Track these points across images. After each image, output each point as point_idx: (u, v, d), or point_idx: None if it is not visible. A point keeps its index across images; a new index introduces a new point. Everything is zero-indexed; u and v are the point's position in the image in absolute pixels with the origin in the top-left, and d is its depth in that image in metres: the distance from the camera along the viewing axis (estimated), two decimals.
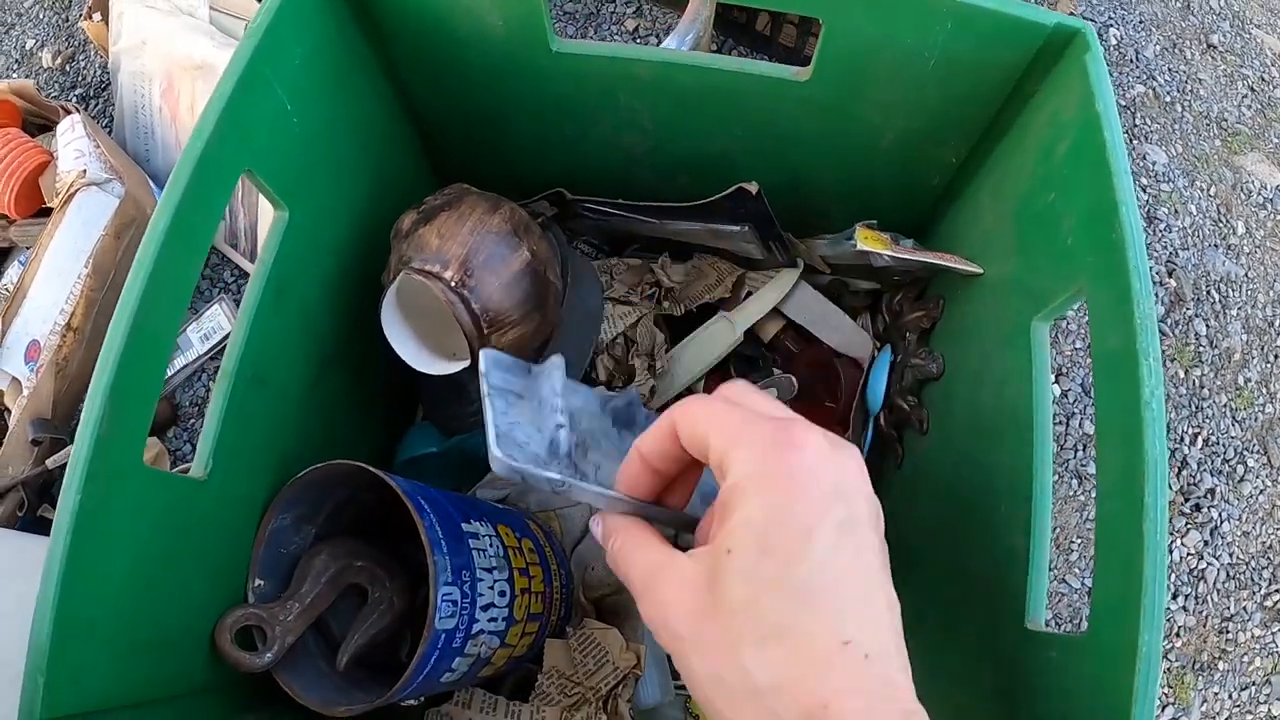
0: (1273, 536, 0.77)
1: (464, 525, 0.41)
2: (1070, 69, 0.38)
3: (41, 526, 0.68)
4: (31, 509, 0.68)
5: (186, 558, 0.38)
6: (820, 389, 0.57)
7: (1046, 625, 0.35)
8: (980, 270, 0.47)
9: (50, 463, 0.68)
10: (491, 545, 0.42)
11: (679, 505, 0.27)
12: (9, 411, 0.72)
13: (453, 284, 0.41)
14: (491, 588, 0.41)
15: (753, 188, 0.47)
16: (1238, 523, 0.77)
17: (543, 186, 0.55)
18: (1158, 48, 0.96)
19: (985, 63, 0.41)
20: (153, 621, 0.36)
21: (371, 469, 0.39)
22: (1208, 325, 0.83)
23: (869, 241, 0.48)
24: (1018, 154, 0.43)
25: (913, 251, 0.48)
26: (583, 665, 0.45)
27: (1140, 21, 0.97)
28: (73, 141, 0.72)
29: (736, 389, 0.25)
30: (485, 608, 0.40)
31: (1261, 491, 0.79)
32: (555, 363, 0.31)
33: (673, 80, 0.45)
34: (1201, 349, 0.82)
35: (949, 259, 0.48)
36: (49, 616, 0.30)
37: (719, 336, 0.55)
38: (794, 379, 0.55)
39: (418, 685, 0.38)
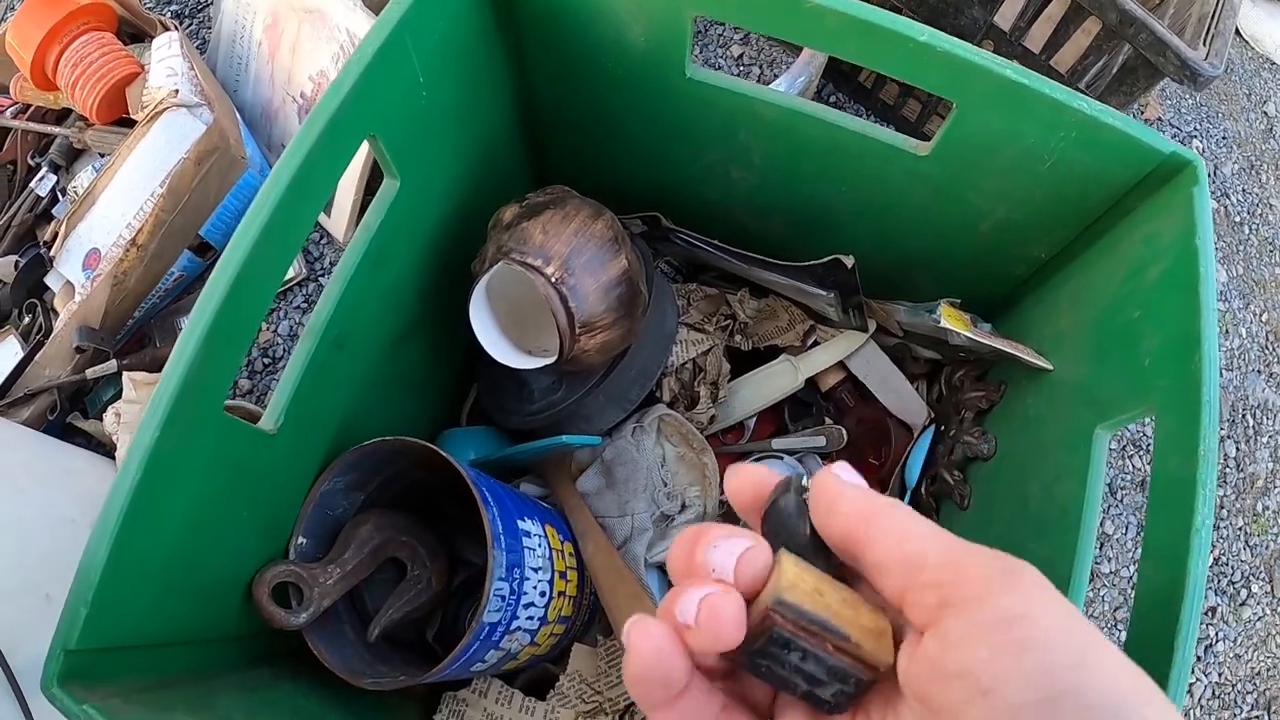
0: (1263, 664, 0.78)
1: (519, 522, 0.41)
2: (1175, 197, 0.39)
3: (69, 433, 0.68)
4: (63, 414, 0.68)
5: (241, 508, 0.38)
6: (868, 446, 0.58)
7: None
8: (1050, 367, 0.48)
9: (90, 373, 0.68)
10: (540, 545, 0.43)
11: None
12: (56, 314, 0.72)
13: (553, 279, 0.41)
14: (535, 587, 0.41)
15: (848, 261, 0.48)
16: (1232, 644, 0.78)
17: (636, 202, 0.55)
18: (1235, 167, 0.96)
19: (1096, 173, 0.42)
20: (198, 566, 0.36)
21: (445, 454, 0.39)
22: (1238, 448, 0.83)
23: (952, 320, 0.48)
24: (1107, 265, 0.44)
25: (990, 336, 0.49)
26: (606, 675, 0.45)
27: (1223, 138, 0.98)
28: (167, 59, 0.72)
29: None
30: (526, 606, 0.40)
31: (1260, 618, 0.80)
32: None
33: (794, 127, 0.46)
34: (1228, 470, 0.83)
35: (1023, 350, 0.48)
36: (105, 551, 0.30)
37: (780, 378, 0.56)
38: (844, 431, 0.55)
39: (452, 671, 0.38)
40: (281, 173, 0.34)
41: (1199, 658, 0.77)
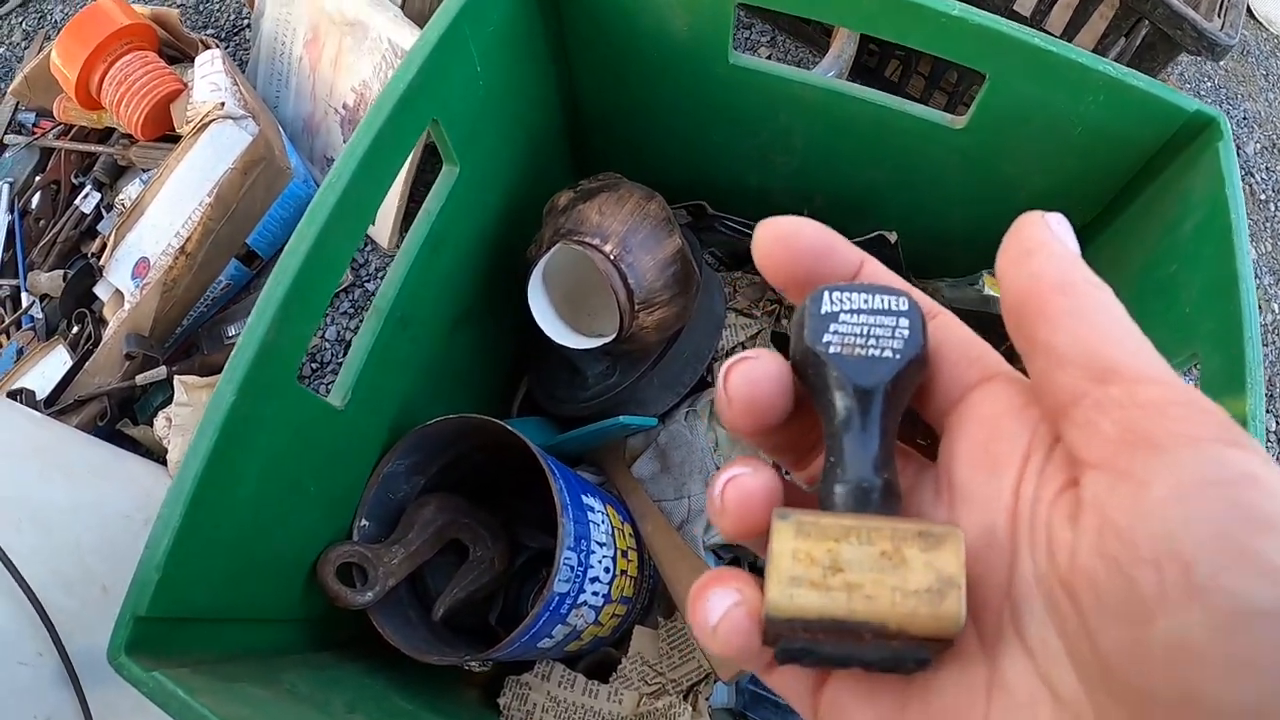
0: None
1: (584, 497, 0.42)
2: (1203, 152, 0.40)
3: (118, 439, 0.70)
4: (112, 420, 0.69)
5: (310, 484, 0.39)
6: (911, 427, 0.58)
7: None
8: None
9: (139, 379, 0.69)
10: (603, 522, 0.43)
11: None
12: (105, 323, 0.73)
13: (611, 257, 0.42)
14: (600, 562, 0.41)
15: (892, 237, 0.48)
16: None
17: (681, 190, 0.56)
18: (1258, 145, 0.97)
19: (1125, 136, 0.43)
20: (266, 541, 0.37)
21: (506, 425, 0.40)
22: (1277, 422, 0.83)
23: (996, 288, 0.49)
24: (1142, 225, 0.45)
25: None
26: (668, 657, 0.45)
27: (1244, 118, 0.98)
28: (210, 75, 0.74)
29: None
30: (593, 580, 0.41)
31: None
32: None
33: (834, 107, 0.47)
34: (1269, 444, 0.82)
35: None
36: (179, 514, 0.30)
37: None
38: None
39: (520, 645, 0.39)
40: (353, 151, 0.35)
41: None
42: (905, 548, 0.13)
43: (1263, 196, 0.94)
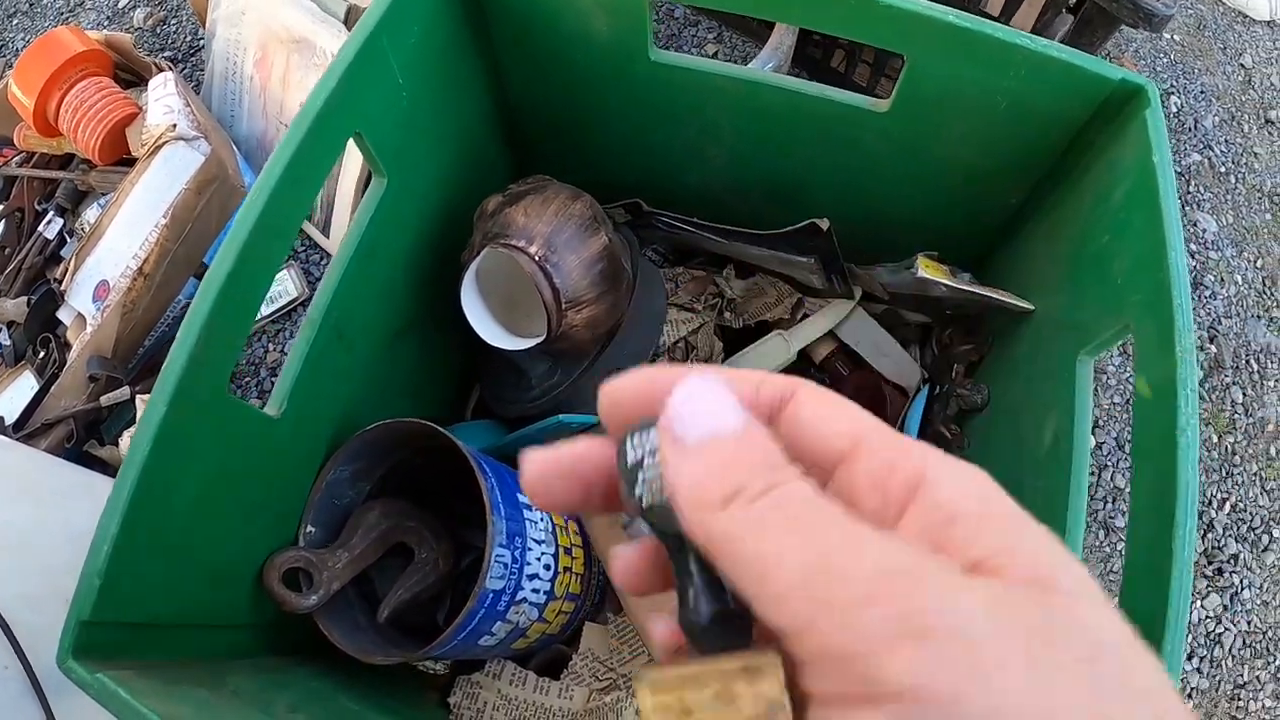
0: None
1: (520, 496, 0.43)
2: (1131, 121, 0.40)
3: (86, 460, 0.70)
4: (79, 441, 0.70)
5: (250, 492, 0.39)
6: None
7: None
8: (1031, 308, 0.48)
9: (104, 400, 0.70)
10: (542, 520, 0.44)
11: None
12: (69, 346, 0.74)
13: (537, 258, 0.43)
14: (539, 559, 0.42)
15: (824, 224, 0.49)
16: (1258, 591, 0.77)
17: (620, 190, 0.57)
18: (1216, 119, 0.97)
19: (1052, 109, 0.43)
20: (210, 547, 0.37)
21: (439, 428, 0.41)
22: (1244, 394, 0.83)
23: (930, 270, 0.49)
24: (1075, 198, 0.45)
25: (969, 284, 0.50)
26: (618, 652, 0.46)
27: (1201, 92, 0.98)
28: (164, 98, 0.75)
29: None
30: (531, 577, 0.41)
31: None
32: None
33: (758, 98, 0.47)
34: (1237, 416, 0.82)
35: (1003, 294, 0.49)
36: (116, 522, 0.31)
37: (773, 353, 0.57)
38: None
39: (458, 643, 0.39)
40: (274, 166, 0.36)
41: (1225, 607, 0.76)
42: (732, 685, 0.14)
43: (1222, 169, 0.94)
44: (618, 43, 0.46)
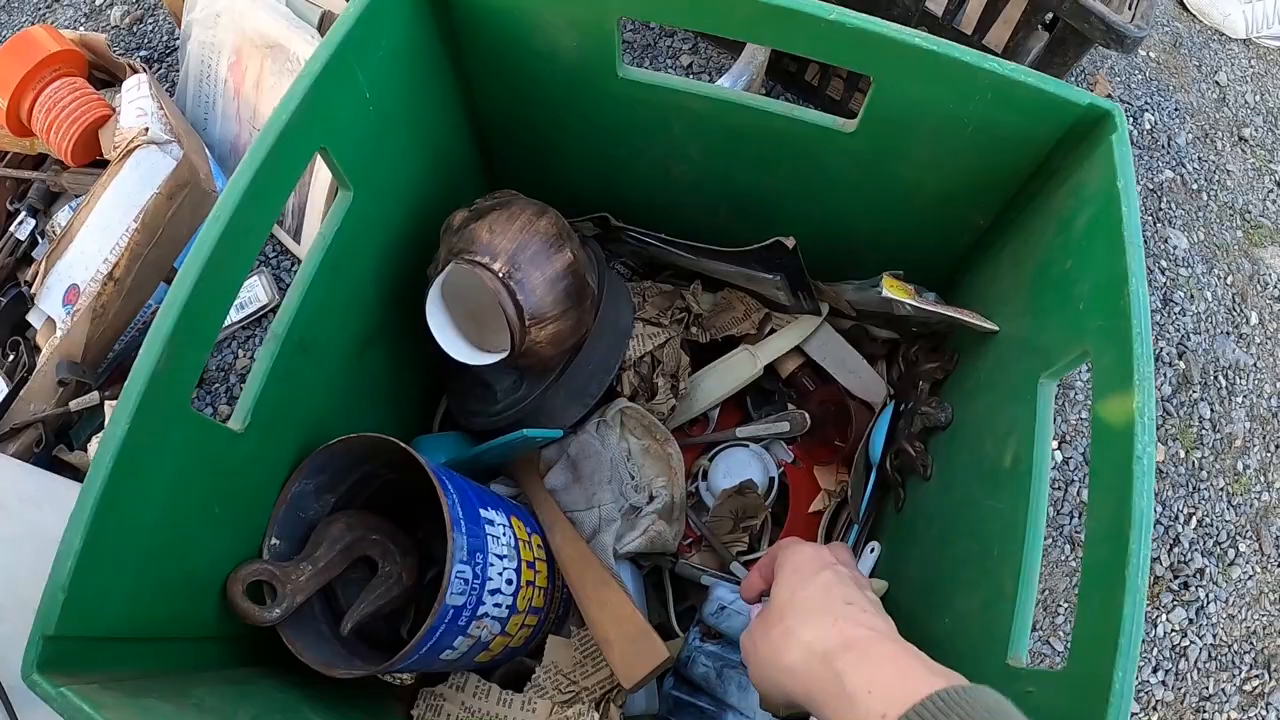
0: (1257, 623, 0.78)
1: (482, 511, 0.43)
2: (1098, 147, 0.40)
3: (56, 465, 0.70)
4: (48, 446, 0.69)
5: (214, 505, 0.39)
6: (831, 428, 0.59)
7: (1027, 664, 0.37)
8: (995, 328, 0.49)
9: (73, 405, 0.69)
10: (505, 534, 0.44)
11: None
12: (39, 350, 0.73)
13: (500, 275, 0.43)
14: (500, 574, 0.42)
15: (789, 242, 0.49)
16: (1224, 605, 0.78)
17: (589, 204, 0.57)
18: (1190, 136, 0.98)
19: (1019, 133, 0.43)
20: (175, 561, 0.37)
21: (402, 444, 0.41)
22: (1212, 409, 0.84)
23: (894, 290, 0.50)
24: (1040, 221, 0.45)
25: (934, 304, 0.50)
26: (581, 666, 0.46)
27: (1175, 109, 1.00)
28: (137, 100, 0.74)
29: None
30: (493, 592, 0.41)
31: (1250, 577, 0.80)
32: None
33: (726, 117, 0.48)
34: (1204, 432, 0.83)
35: (967, 315, 0.49)
36: (79, 537, 0.31)
37: (740, 367, 0.57)
38: (806, 415, 0.56)
39: (420, 658, 0.39)
40: (237, 182, 0.36)
41: (1190, 620, 0.77)
42: None
43: (1195, 186, 0.95)
44: (586, 60, 0.46)
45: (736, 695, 0.48)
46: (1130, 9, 0.63)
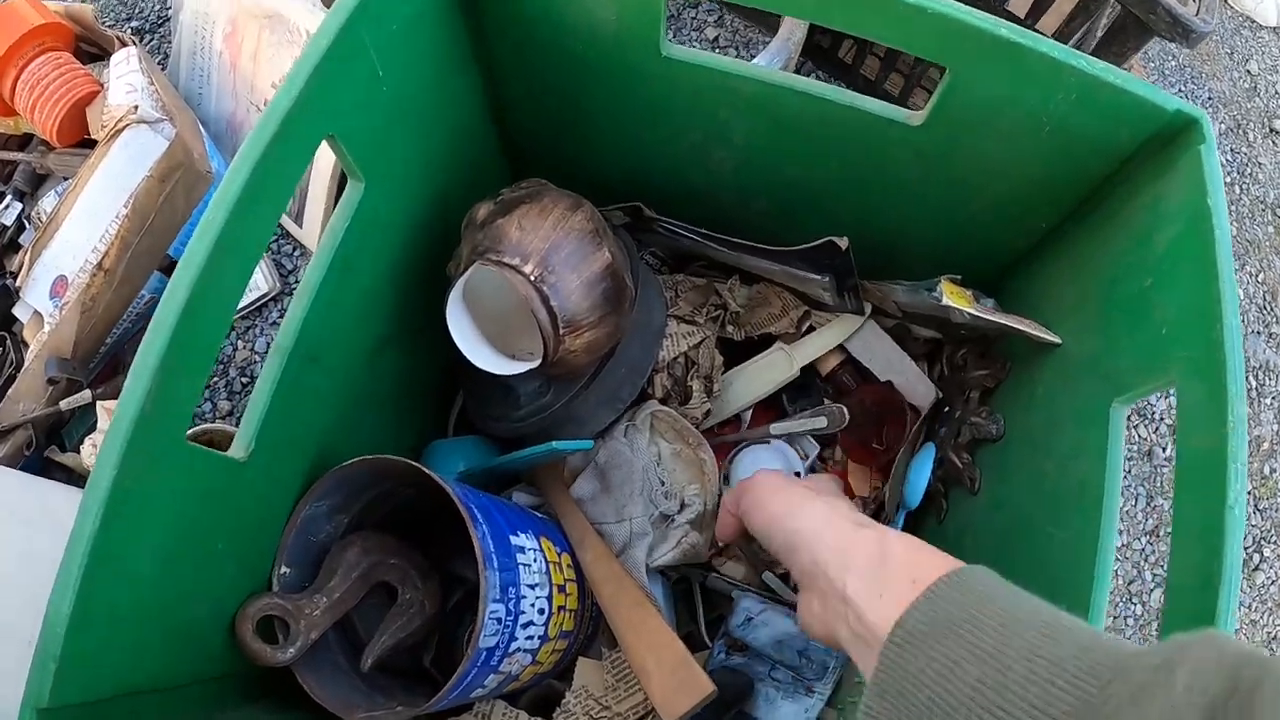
0: (1279, 628, 0.77)
1: (512, 538, 0.39)
2: (1182, 157, 0.37)
3: (47, 468, 0.66)
4: (39, 448, 0.65)
5: (217, 540, 0.36)
6: (871, 428, 0.56)
7: None
8: (1058, 340, 0.46)
9: (64, 404, 0.65)
10: (536, 560, 0.41)
11: None
12: (26, 346, 0.69)
13: (532, 278, 0.39)
14: (533, 605, 0.39)
15: (843, 243, 0.46)
16: (1247, 610, 0.77)
17: (618, 191, 0.53)
18: (1222, 127, 0.95)
19: (1099, 136, 0.40)
20: (175, 608, 0.34)
21: (427, 470, 0.37)
22: None
23: (954, 298, 0.46)
24: (1110, 232, 0.42)
25: (994, 313, 0.47)
26: (614, 690, 0.43)
27: (1209, 98, 0.96)
28: (126, 75, 0.69)
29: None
30: (525, 625, 0.38)
31: (1274, 582, 0.78)
32: None
33: (776, 102, 0.44)
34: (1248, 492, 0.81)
35: (1030, 325, 0.46)
36: (69, 601, 0.28)
37: (775, 369, 0.54)
38: (845, 410, 0.53)
39: (450, 701, 0.36)
40: (233, 181, 0.32)
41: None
42: None
43: (1227, 179, 0.92)
44: (627, 35, 0.42)
45: (764, 709, 0.46)
46: (1194, 1, 0.60)
